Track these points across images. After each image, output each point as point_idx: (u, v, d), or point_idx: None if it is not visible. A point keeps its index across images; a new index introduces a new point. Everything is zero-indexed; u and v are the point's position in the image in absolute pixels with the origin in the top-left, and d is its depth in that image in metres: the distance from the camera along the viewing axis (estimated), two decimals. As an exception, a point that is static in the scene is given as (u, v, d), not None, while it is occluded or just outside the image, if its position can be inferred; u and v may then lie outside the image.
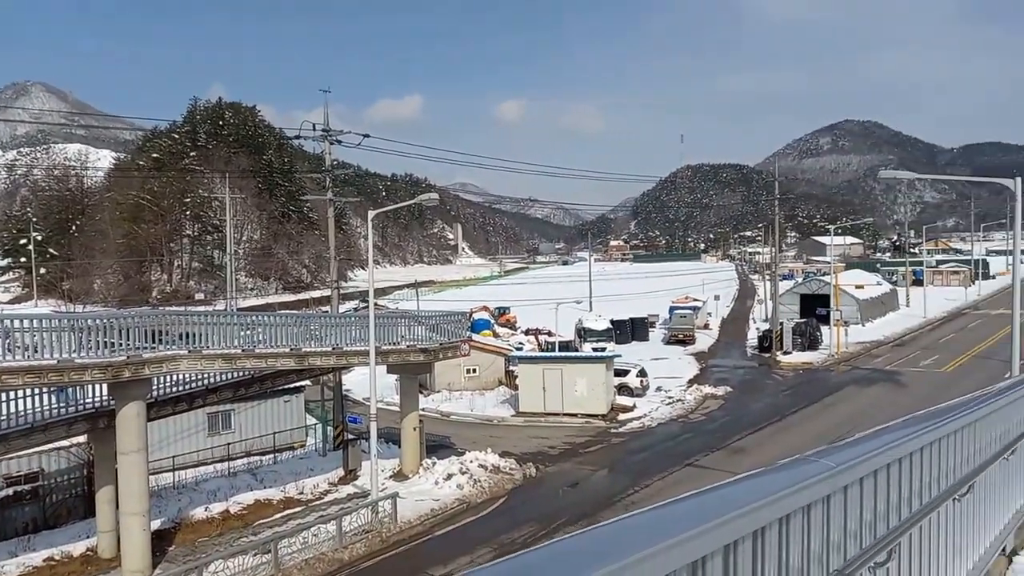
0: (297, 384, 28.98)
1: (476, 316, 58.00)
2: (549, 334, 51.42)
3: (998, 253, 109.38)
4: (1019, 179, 18.30)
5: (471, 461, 25.10)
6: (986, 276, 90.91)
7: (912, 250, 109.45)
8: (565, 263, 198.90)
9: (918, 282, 75.12)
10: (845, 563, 3.08)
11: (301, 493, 24.39)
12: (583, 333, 49.53)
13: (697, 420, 32.91)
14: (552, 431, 31.60)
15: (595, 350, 43.33)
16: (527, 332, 56.41)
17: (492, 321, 59.86)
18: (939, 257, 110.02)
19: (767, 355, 47.83)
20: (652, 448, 28.60)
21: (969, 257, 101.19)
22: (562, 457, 27.82)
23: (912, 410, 5.01)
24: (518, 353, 41.91)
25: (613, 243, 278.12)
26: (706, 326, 61.09)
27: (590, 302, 70.46)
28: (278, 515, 22.52)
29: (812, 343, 49.24)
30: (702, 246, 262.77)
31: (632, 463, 26.74)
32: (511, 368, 39.82)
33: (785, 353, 47.57)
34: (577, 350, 45.80)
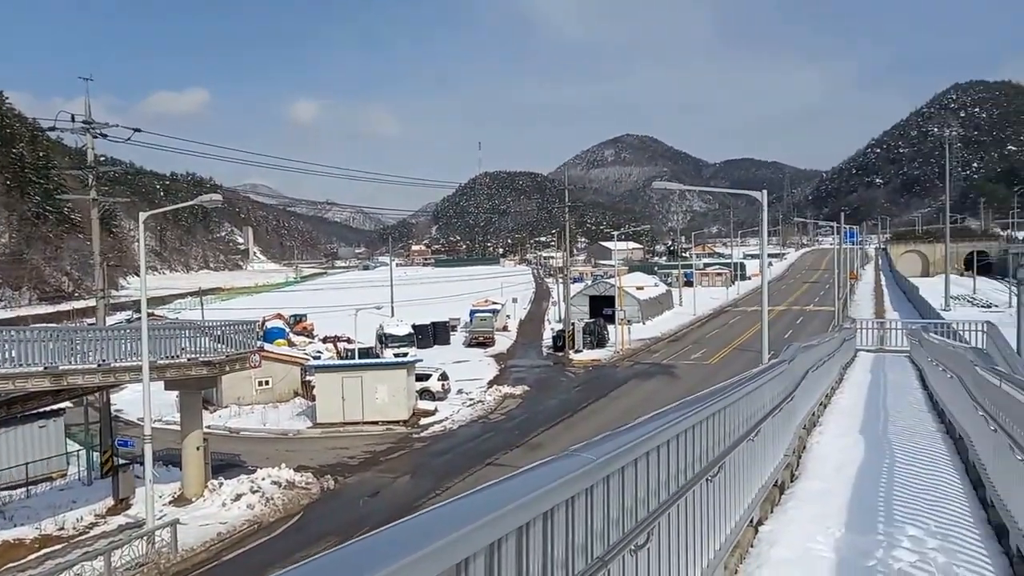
0: (56, 407, 25.64)
1: (269, 325, 55.15)
2: (349, 341, 50.19)
3: (753, 256, 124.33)
4: (765, 191, 20.89)
5: (263, 479, 23.74)
6: (744, 277, 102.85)
7: (684, 254, 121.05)
8: (366, 268, 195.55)
9: (689, 283, 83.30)
10: (607, 549, 3.23)
11: (61, 529, 21.57)
12: (384, 339, 48.93)
13: (497, 420, 33.80)
14: (352, 440, 30.83)
15: (397, 356, 42.95)
16: (325, 340, 54.63)
17: (287, 330, 57.22)
18: (706, 260, 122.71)
19: (561, 354, 50.36)
20: (454, 450, 28.90)
21: (730, 260, 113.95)
22: (363, 466, 27.22)
23: (684, 398, 5.44)
24: (315, 362, 40.43)
25: (415, 248, 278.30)
26: (505, 328, 63.06)
27: (392, 307, 69.82)
28: (33, 556, 19.75)
29: (600, 341, 52.65)
30: (501, 251, 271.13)
31: (435, 466, 26.82)
32: (308, 378, 38.30)
33: (577, 351, 50.39)
34: (378, 356, 45.13)
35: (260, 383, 37.46)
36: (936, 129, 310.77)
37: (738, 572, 5.47)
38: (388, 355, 45.01)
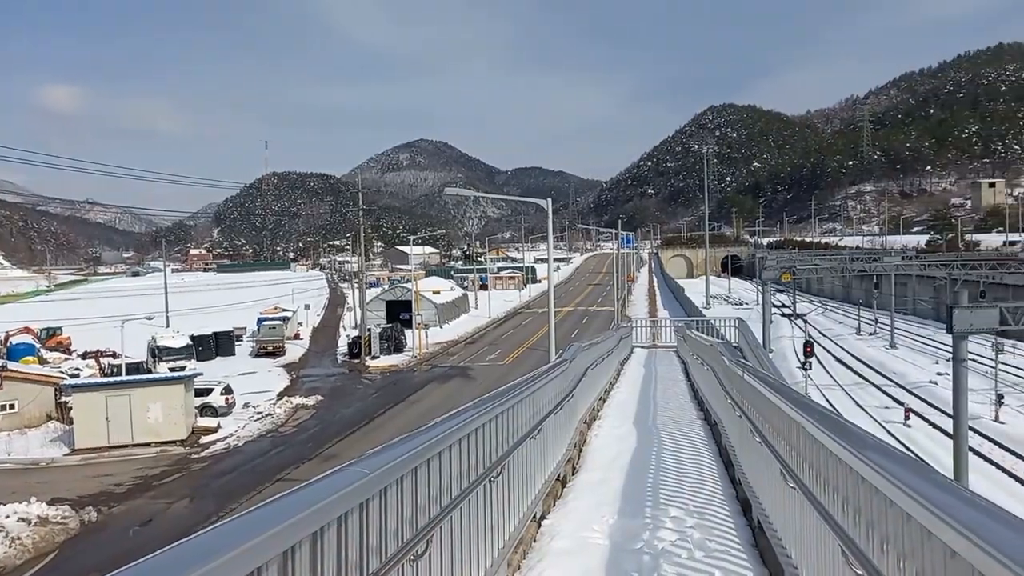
0: None
1: (15, 340, 48.26)
2: (114, 356, 45.25)
3: (543, 260, 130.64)
4: (549, 200, 21.99)
5: (6, 516, 20.65)
6: (535, 280, 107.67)
7: (479, 258, 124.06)
8: (136, 274, 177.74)
9: (484, 286, 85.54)
10: (383, 563, 3.16)
11: None
12: (158, 352, 44.77)
13: (288, 433, 32.27)
14: (120, 466, 27.79)
15: (173, 370, 39.44)
16: (86, 356, 48.85)
17: (38, 345, 50.29)
18: (500, 264, 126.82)
19: (357, 361, 49.30)
20: (240, 468, 27.13)
21: (522, 264, 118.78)
22: (132, 494, 24.64)
23: (478, 398, 5.50)
24: (73, 381, 35.90)
25: (194, 252, 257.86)
26: (297, 336, 60.48)
27: (167, 317, 64.08)
28: None
29: (398, 346, 52.32)
30: (292, 255, 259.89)
31: (217, 487, 24.98)
32: (64, 399, 33.91)
33: (373, 358, 49.63)
34: (151, 371, 41.17)
35: (3, 407, 32.55)
36: (696, 146, 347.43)
37: (521, 567, 5.64)
38: (163, 370, 41.23)
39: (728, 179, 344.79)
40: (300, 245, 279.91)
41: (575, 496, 7.63)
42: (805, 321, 55.88)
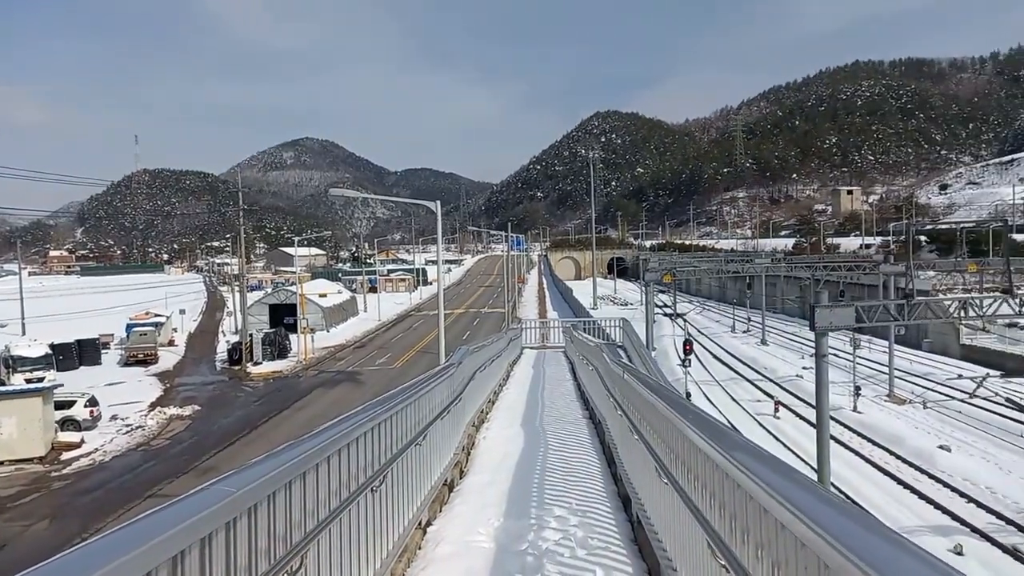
0: None
1: None
2: (-38, 367, 41.22)
3: (434, 262, 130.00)
4: (438, 202, 21.89)
5: None
6: (426, 282, 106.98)
7: (368, 260, 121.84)
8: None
9: (373, 289, 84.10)
10: (252, 584, 3.02)
11: None
12: (12, 362, 41.12)
13: (161, 446, 30.45)
14: (-34, 489, 25.30)
15: (29, 381, 36.32)
16: (-73, 368, 44.15)
17: None
18: (390, 266, 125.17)
19: (238, 368, 47.22)
20: (106, 485, 25.34)
21: (412, 266, 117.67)
22: (-18, 518, 22.48)
23: (366, 403, 5.35)
24: (-89, 396, 32.34)
25: (54, 253, 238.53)
26: (171, 343, 57.21)
27: (22, 324, 59.01)
28: None
29: (282, 352, 50.51)
30: (166, 257, 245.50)
31: (81, 506, 23.22)
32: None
33: (256, 364, 47.70)
34: (4, 384, 37.74)
35: None
36: (583, 151, 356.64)
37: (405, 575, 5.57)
38: (18, 381, 37.89)
39: (614, 184, 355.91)
40: (175, 246, 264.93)
41: (462, 500, 7.61)
42: (685, 320, 58.44)
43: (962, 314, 20.44)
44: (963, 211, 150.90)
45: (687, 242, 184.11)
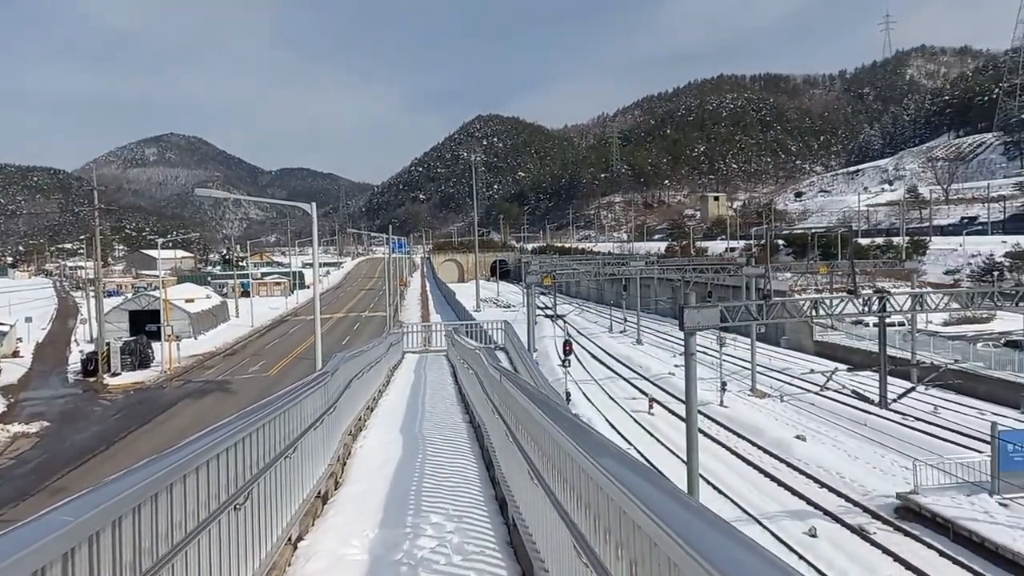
0: None
1: None
2: None
3: (311, 265, 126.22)
4: (314, 204, 21.26)
5: None
6: (303, 286, 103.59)
7: (240, 263, 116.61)
8: None
9: (246, 293, 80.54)
10: (92, 620, 2.79)
11: None
12: None
13: (4, 466, 27.78)
14: None
15: None
16: None
17: None
18: (264, 270, 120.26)
19: (93, 379, 43.82)
20: (-65, 514, 22.79)
21: (288, 269, 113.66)
22: None
23: (232, 415, 5.07)
24: None
25: None
26: (16, 354, 52.33)
27: None
28: None
29: (143, 361, 47.39)
30: (11, 260, 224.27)
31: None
32: None
33: (114, 375, 44.48)
34: None
35: None
36: (465, 153, 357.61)
37: (273, 596, 5.35)
38: None
39: (496, 187, 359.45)
40: (21, 248, 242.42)
41: (336, 512, 7.41)
42: (565, 321, 59.86)
43: (814, 313, 22.13)
44: (815, 217, 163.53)
45: (567, 245, 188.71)
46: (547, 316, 77.78)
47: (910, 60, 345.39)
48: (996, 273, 69.14)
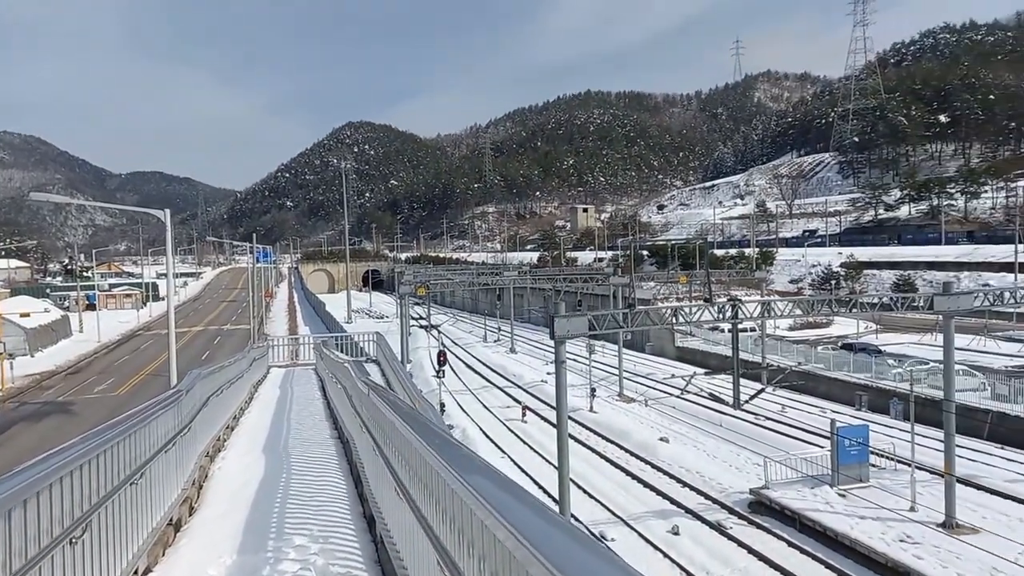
0: None
1: None
2: None
3: (165, 275, 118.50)
4: (168, 211, 19.98)
5: None
6: (157, 298, 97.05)
7: (85, 273, 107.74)
8: None
9: (91, 306, 74.40)
10: None
11: None
12: None
13: None
14: None
15: None
16: None
17: None
18: (112, 280, 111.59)
19: (-93, 405, 38.88)
20: None
21: (140, 280, 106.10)
22: None
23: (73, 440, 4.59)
24: None
25: None
26: None
27: None
28: None
29: (-30, 382, 42.61)
30: None
31: None
32: None
33: (-67, 399, 39.68)
34: None
35: None
36: (335, 160, 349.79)
37: (114, 638, 4.91)
38: None
39: (367, 195, 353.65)
40: None
41: (190, 539, 6.94)
42: (439, 331, 59.68)
43: (674, 320, 23.26)
44: (676, 229, 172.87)
45: (441, 255, 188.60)
46: (421, 326, 77.25)
47: (758, 84, 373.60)
48: (833, 282, 75.80)
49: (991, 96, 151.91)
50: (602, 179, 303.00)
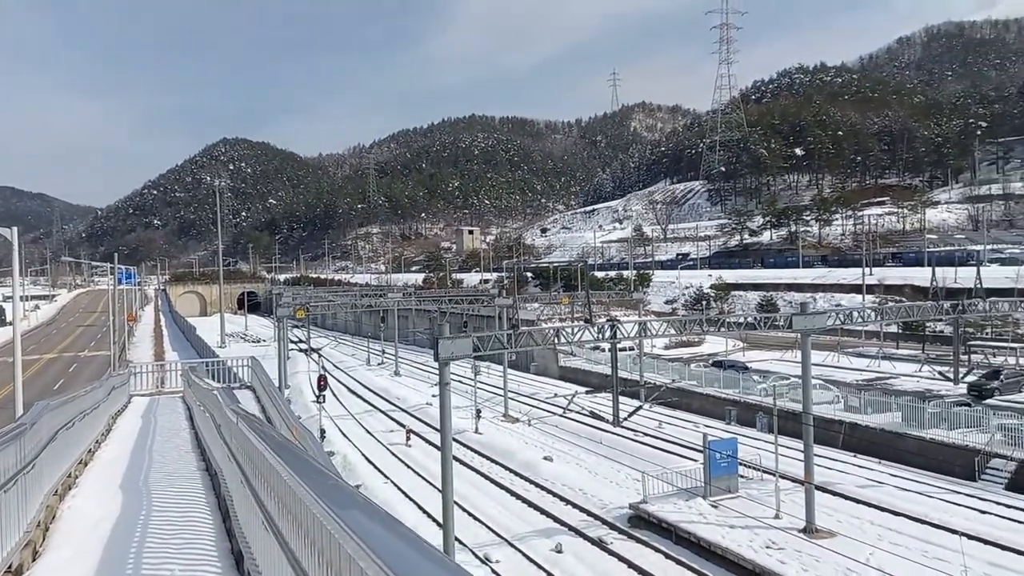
0: None
1: None
2: None
3: (10, 298, 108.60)
4: (16, 228, 18.33)
5: None
6: (2, 323, 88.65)
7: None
8: None
9: (-76, 332, 66.80)
10: None
11: None
12: None
13: None
14: None
15: None
16: None
17: None
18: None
19: None
20: None
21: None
22: None
23: None
24: None
25: None
26: None
27: None
28: None
29: None
30: None
31: None
32: None
33: None
34: None
35: None
36: (208, 178, 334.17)
37: None
38: None
39: (244, 214, 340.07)
40: None
41: (31, 589, 6.28)
42: (320, 355, 57.90)
43: (556, 340, 23.70)
44: (559, 252, 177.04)
45: (323, 276, 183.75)
46: (301, 350, 74.69)
47: (633, 114, 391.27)
48: (704, 302, 79.92)
49: (839, 132, 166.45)
50: (487, 202, 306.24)
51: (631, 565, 20.11)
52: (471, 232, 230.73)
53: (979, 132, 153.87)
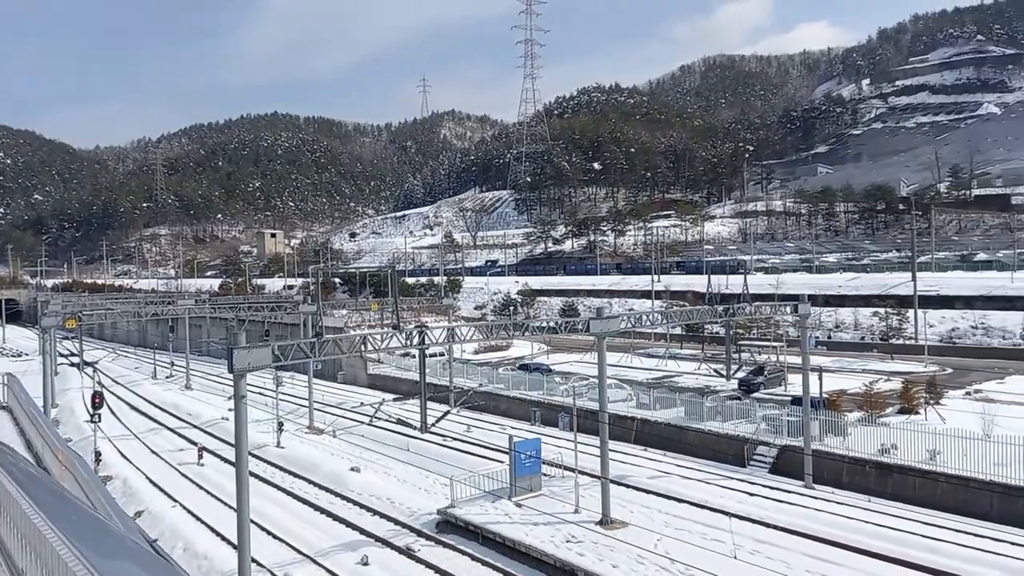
0: None
1: None
2: None
3: None
4: None
5: None
6: None
7: None
8: None
9: None
10: None
11: None
12: None
13: None
14: None
15: None
16: None
17: None
18: None
19: None
20: None
21: None
22: None
23: None
24: None
25: None
26: None
27: None
28: None
29: None
30: None
31: None
32: None
33: None
34: None
35: None
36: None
37: None
38: None
39: (3, 211, 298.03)
40: None
41: None
42: (95, 369, 52.09)
43: (364, 348, 23.11)
44: (369, 257, 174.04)
45: (100, 281, 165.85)
46: (73, 364, 66.84)
47: (443, 122, 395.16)
48: (512, 308, 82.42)
49: (632, 149, 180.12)
50: (292, 204, 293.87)
51: (438, 571, 20.10)
52: (274, 235, 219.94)
53: (747, 155, 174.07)
